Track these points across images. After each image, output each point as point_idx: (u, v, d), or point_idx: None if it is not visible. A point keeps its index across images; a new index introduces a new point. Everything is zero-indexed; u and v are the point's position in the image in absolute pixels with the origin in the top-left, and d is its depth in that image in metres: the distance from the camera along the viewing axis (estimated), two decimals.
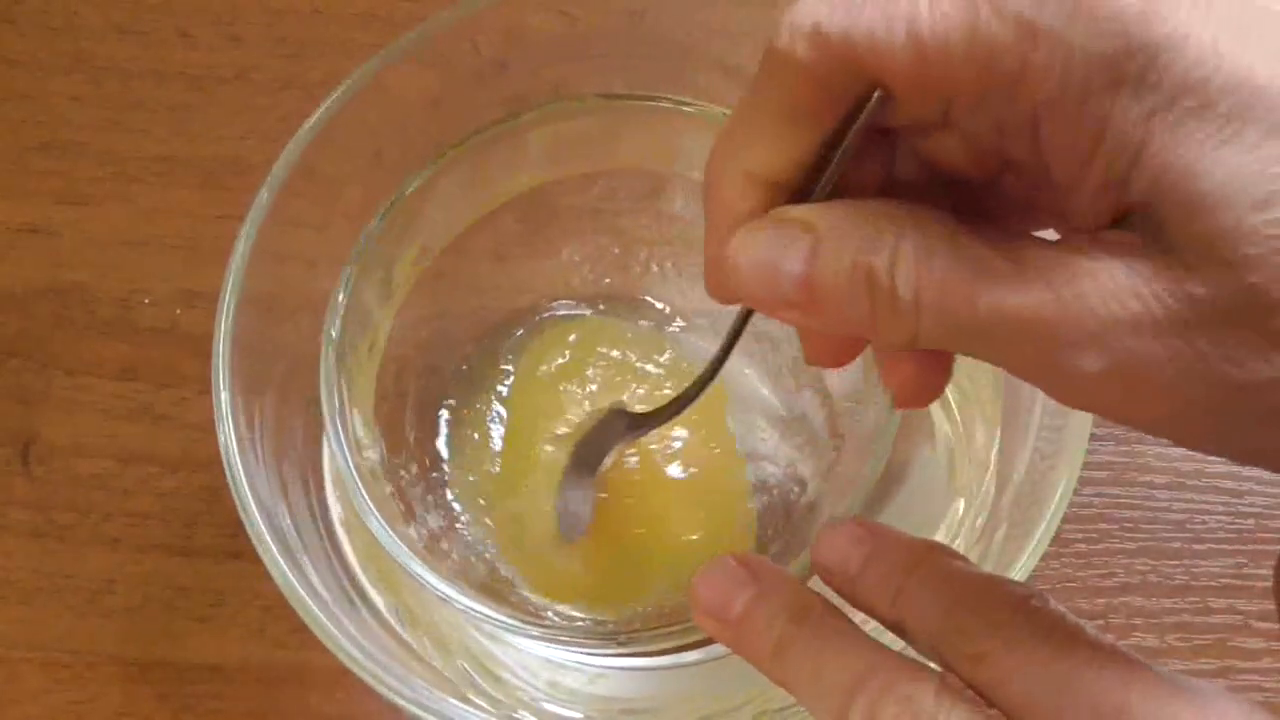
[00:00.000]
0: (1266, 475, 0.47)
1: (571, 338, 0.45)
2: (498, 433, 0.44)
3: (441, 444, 0.44)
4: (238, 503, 0.35)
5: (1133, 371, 0.21)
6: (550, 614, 0.41)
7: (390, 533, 0.36)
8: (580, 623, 0.41)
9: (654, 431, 0.39)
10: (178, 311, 0.50)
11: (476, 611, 0.36)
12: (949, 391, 0.39)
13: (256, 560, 0.34)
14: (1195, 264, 0.20)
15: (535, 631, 0.36)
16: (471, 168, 0.41)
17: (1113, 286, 0.21)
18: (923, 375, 0.26)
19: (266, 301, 0.38)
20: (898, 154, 0.25)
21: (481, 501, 0.43)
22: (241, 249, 0.37)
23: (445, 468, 0.43)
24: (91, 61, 0.54)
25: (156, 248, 0.51)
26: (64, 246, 0.51)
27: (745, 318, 0.29)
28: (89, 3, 0.54)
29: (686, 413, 0.36)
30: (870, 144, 0.25)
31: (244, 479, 0.35)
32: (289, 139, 0.38)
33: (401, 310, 0.42)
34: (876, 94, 0.22)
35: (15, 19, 0.54)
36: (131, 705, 0.44)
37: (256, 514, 0.35)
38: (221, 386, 0.36)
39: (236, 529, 0.35)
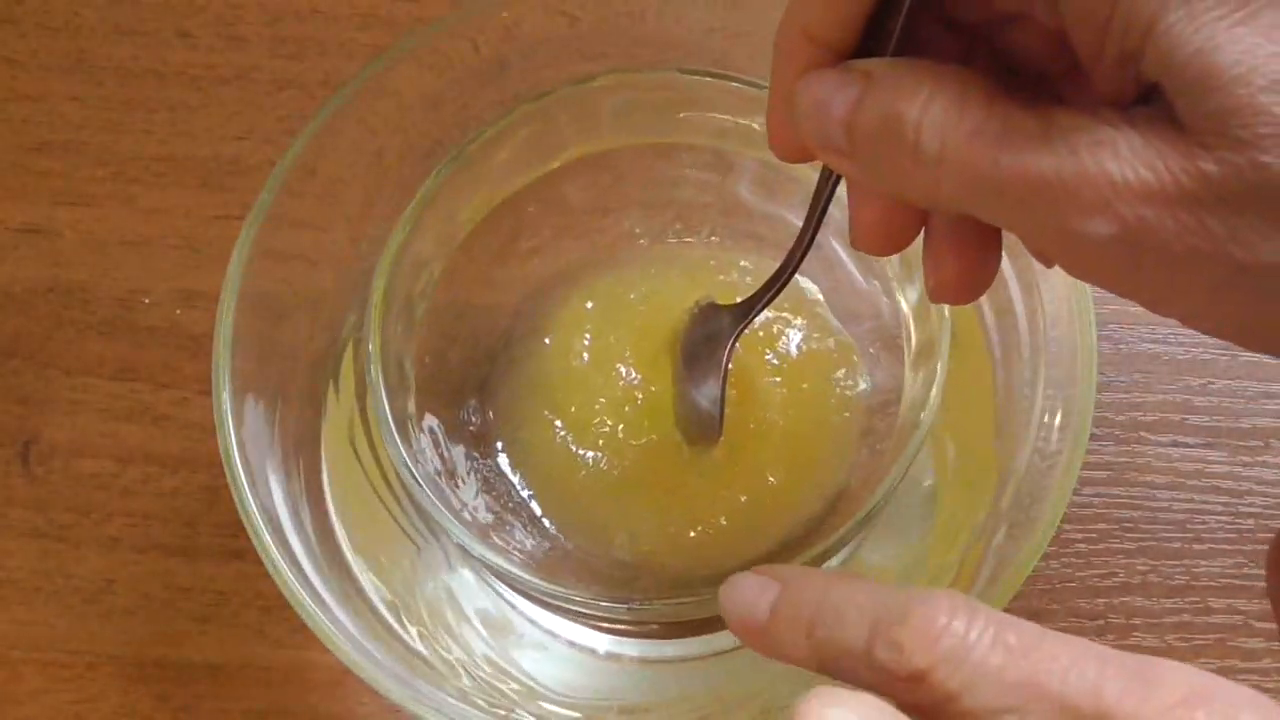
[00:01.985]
0: (1267, 475, 0.47)
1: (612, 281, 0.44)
2: (546, 394, 0.43)
3: (485, 404, 0.43)
4: (238, 503, 0.35)
5: (1140, 241, 0.21)
6: (571, 577, 0.40)
7: (415, 472, 0.37)
8: (594, 586, 0.40)
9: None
10: (178, 311, 0.50)
11: (489, 559, 0.35)
12: (947, 390, 0.39)
13: (256, 560, 0.34)
14: (1209, 142, 0.20)
15: (554, 589, 0.36)
16: (541, 127, 0.41)
17: (1130, 155, 0.21)
18: (966, 269, 0.27)
19: (266, 301, 0.38)
20: (960, 43, 0.26)
21: (534, 465, 0.42)
22: (241, 249, 0.37)
23: (490, 429, 0.43)
24: (92, 61, 0.54)
25: (156, 248, 0.51)
26: (64, 246, 0.51)
27: (827, 181, 0.30)
28: (89, 3, 0.54)
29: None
30: (934, 30, 0.26)
31: (244, 479, 0.35)
32: (289, 139, 0.38)
33: (453, 268, 0.42)
34: None
35: (16, 19, 0.54)
36: (131, 705, 0.44)
37: (256, 514, 0.35)
38: (221, 386, 0.36)
39: (236, 529, 0.35)
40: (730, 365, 0.38)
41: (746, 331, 0.38)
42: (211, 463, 0.46)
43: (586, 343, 0.43)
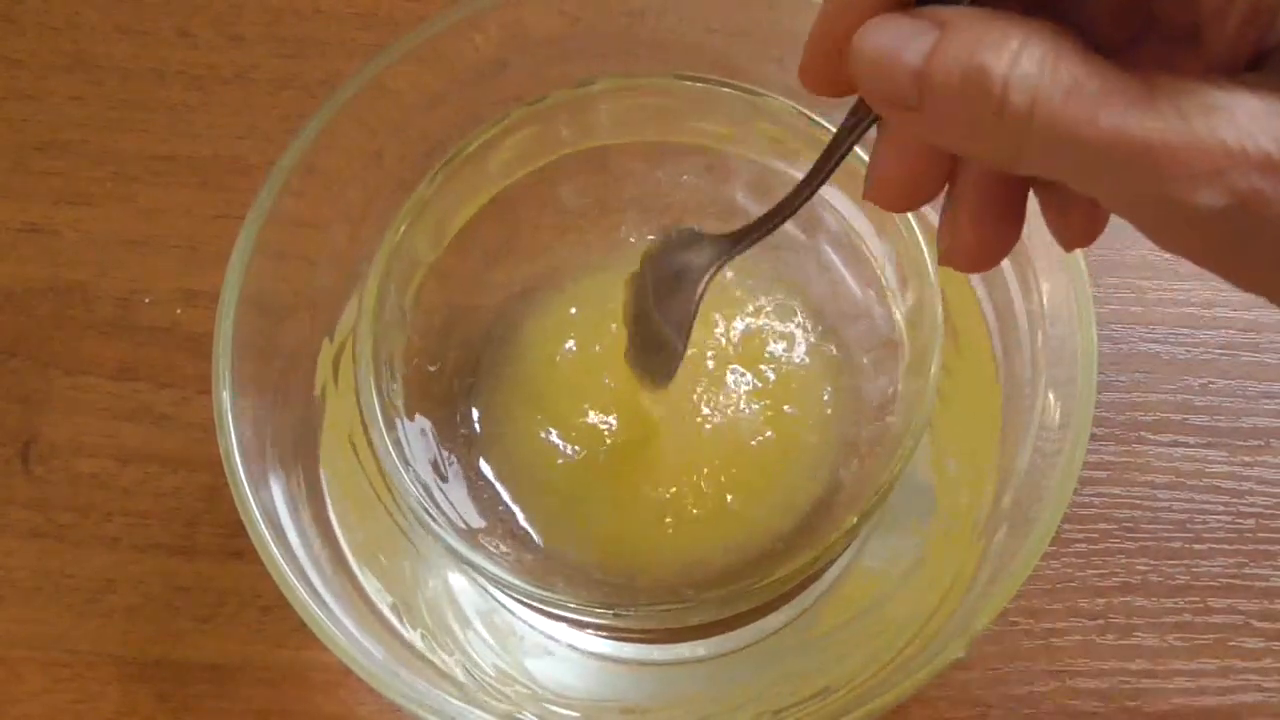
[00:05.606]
0: (1267, 475, 0.47)
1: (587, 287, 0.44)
2: (526, 397, 0.43)
3: (474, 406, 0.43)
4: (238, 503, 0.35)
5: (1253, 212, 0.20)
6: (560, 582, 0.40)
7: (405, 475, 0.37)
8: (582, 591, 0.40)
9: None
10: (178, 311, 0.50)
11: (476, 563, 0.35)
12: (947, 390, 0.39)
13: (256, 560, 0.34)
14: None
15: (543, 594, 0.36)
16: (538, 130, 0.41)
17: (1248, 123, 0.20)
18: (986, 237, 0.25)
19: (266, 301, 0.38)
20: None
21: (514, 469, 0.42)
22: (241, 249, 0.37)
23: (477, 432, 0.43)
24: (92, 61, 0.54)
25: (156, 247, 0.51)
26: (64, 246, 0.51)
27: (851, 130, 0.27)
28: (90, 2, 0.54)
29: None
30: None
31: (244, 479, 0.35)
32: (289, 139, 0.38)
33: (446, 269, 0.42)
34: None
35: (16, 18, 0.54)
36: (131, 705, 0.44)
37: (256, 514, 0.35)
38: (221, 386, 0.36)
39: (236, 529, 0.35)
40: (704, 296, 0.35)
41: (737, 333, 0.37)
42: (211, 463, 0.46)
43: (568, 347, 0.43)
